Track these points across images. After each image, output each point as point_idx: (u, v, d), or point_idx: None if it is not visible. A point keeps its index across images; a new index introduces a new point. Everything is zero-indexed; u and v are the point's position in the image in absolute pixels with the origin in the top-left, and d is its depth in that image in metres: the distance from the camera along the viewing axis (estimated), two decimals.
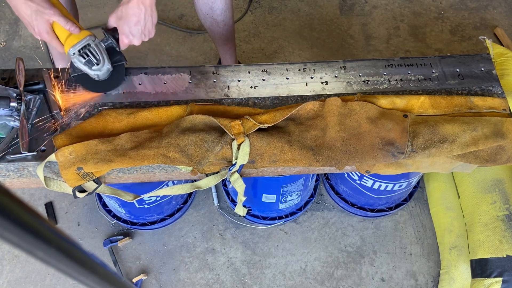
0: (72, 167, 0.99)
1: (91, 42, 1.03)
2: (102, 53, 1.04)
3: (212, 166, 1.06)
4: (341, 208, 1.69)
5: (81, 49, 1.02)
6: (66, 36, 1.03)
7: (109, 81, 1.10)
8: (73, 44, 1.02)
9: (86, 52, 1.03)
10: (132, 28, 1.03)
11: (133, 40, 1.06)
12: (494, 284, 1.33)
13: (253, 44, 2.09)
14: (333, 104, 1.08)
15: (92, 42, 1.03)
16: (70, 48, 1.02)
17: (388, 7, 2.22)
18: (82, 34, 1.03)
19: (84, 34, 1.03)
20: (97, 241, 1.61)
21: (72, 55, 1.03)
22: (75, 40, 1.02)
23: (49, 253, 0.35)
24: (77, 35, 1.02)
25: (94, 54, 1.03)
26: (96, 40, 1.04)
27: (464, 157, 1.08)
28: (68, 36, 1.02)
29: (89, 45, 1.03)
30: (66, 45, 1.03)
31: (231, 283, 1.56)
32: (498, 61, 1.52)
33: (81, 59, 1.03)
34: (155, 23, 1.07)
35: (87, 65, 1.03)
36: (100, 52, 1.04)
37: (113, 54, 1.08)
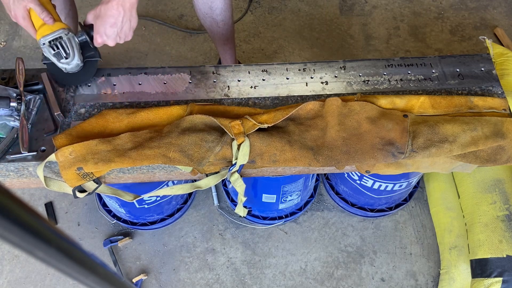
0: (72, 167, 0.99)
1: (64, 36, 1.02)
2: (73, 48, 1.03)
3: (212, 166, 1.06)
4: (341, 208, 1.69)
5: (52, 41, 1.01)
6: (40, 25, 1.02)
7: (78, 75, 1.09)
8: (45, 35, 1.01)
9: (57, 44, 1.02)
10: (108, 29, 1.02)
11: (107, 41, 1.04)
12: (494, 284, 1.33)
13: (253, 44, 2.09)
14: (333, 104, 1.08)
15: (65, 35, 1.02)
16: (41, 38, 1.02)
17: (388, 7, 2.22)
18: (56, 26, 1.02)
19: (58, 26, 1.02)
20: (97, 241, 1.61)
21: (42, 45, 1.02)
22: (47, 31, 1.01)
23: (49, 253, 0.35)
24: (51, 26, 1.02)
25: (64, 47, 1.02)
26: (70, 34, 1.03)
27: (464, 157, 1.08)
28: (41, 25, 1.01)
29: (61, 38, 1.02)
30: (38, 34, 1.02)
31: (231, 283, 1.56)
32: (498, 61, 1.53)
33: (50, 50, 1.02)
34: (133, 27, 1.06)
35: (55, 57, 1.03)
36: (71, 46, 1.03)
37: (88, 50, 1.08)
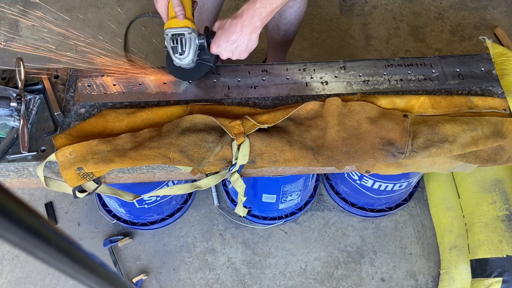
0: (72, 167, 0.99)
1: (186, 34, 1.06)
2: (190, 48, 1.07)
3: (212, 166, 1.06)
4: (341, 208, 1.69)
5: (174, 35, 1.06)
6: (171, 17, 1.07)
7: (186, 71, 1.14)
8: (171, 27, 1.06)
9: (177, 39, 1.06)
10: (224, 43, 1.06)
11: (221, 52, 1.08)
12: (494, 284, 1.33)
13: None
14: (333, 104, 1.08)
15: (188, 34, 1.06)
16: (167, 29, 1.06)
17: (388, 7, 2.22)
18: (184, 22, 1.06)
19: (186, 24, 1.06)
20: (97, 241, 1.61)
21: (166, 35, 1.07)
22: (174, 24, 1.06)
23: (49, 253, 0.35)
24: (179, 21, 1.06)
25: (182, 44, 1.06)
26: (193, 34, 1.06)
27: (464, 157, 1.08)
28: (172, 17, 1.06)
29: (184, 35, 1.06)
30: (166, 24, 1.07)
31: (231, 283, 1.56)
32: (498, 61, 1.52)
33: (170, 42, 1.07)
34: (249, 49, 1.09)
35: (172, 50, 1.07)
36: (189, 45, 1.07)
37: (205, 53, 1.12)
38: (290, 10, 1.46)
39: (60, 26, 2.14)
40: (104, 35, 2.12)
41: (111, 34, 2.11)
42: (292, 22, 1.51)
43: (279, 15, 1.48)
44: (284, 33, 1.55)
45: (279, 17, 1.49)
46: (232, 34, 1.04)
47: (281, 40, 1.60)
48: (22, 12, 2.19)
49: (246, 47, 1.08)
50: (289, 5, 1.44)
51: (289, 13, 1.47)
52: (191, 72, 1.14)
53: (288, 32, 1.55)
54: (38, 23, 2.15)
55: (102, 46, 1.18)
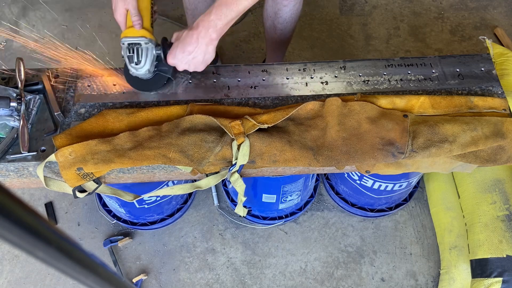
0: (72, 167, 0.99)
1: (143, 44, 1.05)
2: (146, 58, 1.06)
3: (212, 166, 1.06)
4: (341, 208, 1.69)
5: (130, 44, 1.05)
6: (128, 26, 1.06)
7: (143, 82, 1.12)
8: (127, 36, 1.05)
9: (134, 49, 1.05)
10: (179, 54, 1.05)
11: (177, 64, 1.07)
12: (494, 284, 1.33)
13: (253, 44, 2.09)
14: (333, 104, 1.08)
15: (145, 44, 1.05)
16: (123, 38, 1.06)
17: (388, 7, 2.22)
18: (140, 32, 1.05)
19: (142, 33, 1.05)
20: (97, 241, 1.61)
21: (122, 44, 1.06)
22: (130, 34, 1.05)
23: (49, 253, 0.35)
24: (136, 31, 1.05)
25: (138, 54, 1.05)
26: (150, 44, 1.06)
27: (464, 157, 1.08)
28: (130, 26, 1.06)
29: (140, 45, 1.05)
30: (122, 33, 1.07)
31: (231, 283, 1.56)
32: (498, 61, 1.52)
33: (126, 52, 1.06)
34: (206, 62, 1.08)
35: (127, 59, 1.06)
36: (145, 56, 1.06)
37: (163, 64, 1.10)
38: (285, 9, 1.46)
39: (60, 26, 2.14)
40: (104, 35, 2.12)
41: (111, 34, 2.11)
42: (288, 21, 1.50)
43: (275, 14, 1.48)
44: (280, 32, 1.55)
45: (274, 16, 1.49)
46: (188, 45, 1.03)
47: (278, 40, 1.60)
48: (22, 12, 2.19)
49: (202, 59, 1.06)
50: (284, 4, 1.44)
51: (284, 12, 1.47)
52: (149, 83, 1.12)
53: (284, 31, 1.55)
54: (38, 23, 2.15)
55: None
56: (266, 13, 1.53)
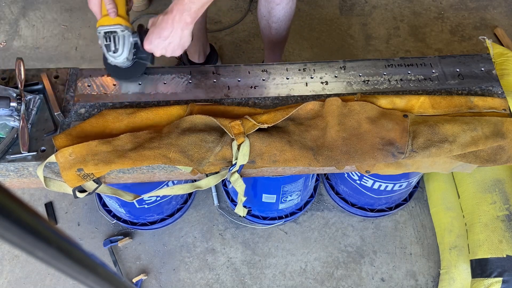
0: (72, 168, 0.99)
1: (119, 31, 1.05)
2: (123, 45, 1.06)
3: (212, 166, 1.06)
4: (341, 208, 1.69)
5: (107, 32, 1.05)
6: (104, 14, 1.06)
7: (124, 71, 1.12)
8: (102, 25, 1.05)
9: (110, 37, 1.05)
10: (156, 40, 1.04)
11: (154, 49, 1.07)
12: (494, 284, 1.33)
13: (253, 44, 2.09)
14: (333, 104, 1.08)
15: (121, 31, 1.05)
16: (99, 26, 1.05)
17: (388, 7, 2.22)
18: (116, 20, 1.05)
19: (118, 21, 1.05)
20: (97, 241, 1.61)
21: (98, 33, 1.06)
22: (106, 22, 1.05)
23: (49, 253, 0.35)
24: (111, 19, 1.04)
25: (115, 42, 1.05)
26: (126, 32, 1.05)
27: (464, 157, 1.08)
28: (105, 15, 1.05)
29: (116, 32, 1.05)
30: (98, 22, 1.06)
31: (231, 283, 1.56)
32: (498, 61, 1.52)
33: (103, 40, 1.05)
34: (183, 46, 1.07)
35: (105, 48, 1.06)
36: (122, 43, 1.05)
37: (141, 52, 1.10)
38: (278, 7, 1.45)
39: (60, 26, 2.14)
40: None
41: None
42: (282, 19, 1.50)
43: (268, 13, 1.48)
44: (275, 31, 1.55)
45: (268, 16, 1.49)
46: (164, 30, 1.02)
47: (274, 39, 1.59)
48: (22, 12, 2.19)
49: (179, 44, 1.06)
50: (277, 2, 1.44)
51: (277, 10, 1.46)
52: (129, 71, 1.12)
53: (279, 30, 1.54)
54: (38, 23, 2.15)
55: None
56: (260, 13, 1.52)
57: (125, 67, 1.11)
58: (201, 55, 1.81)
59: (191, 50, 1.79)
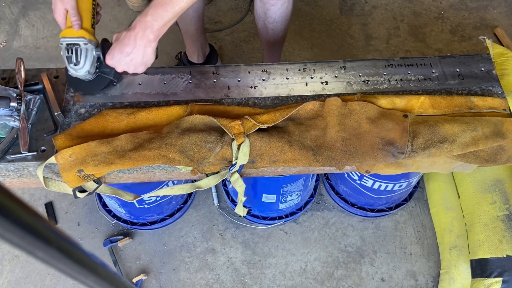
0: (72, 169, 0.99)
1: (82, 44, 1.03)
2: (85, 58, 1.04)
3: (212, 166, 1.06)
4: (341, 208, 1.69)
5: (69, 44, 1.03)
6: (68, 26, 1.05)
7: (85, 84, 1.10)
8: (65, 36, 1.04)
9: (72, 49, 1.03)
10: (117, 55, 1.03)
11: (115, 65, 1.05)
12: (494, 284, 1.33)
13: (253, 44, 2.09)
14: (333, 104, 1.08)
15: (84, 45, 1.03)
16: (61, 38, 1.04)
17: (388, 7, 2.22)
18: (79, 33, 1.03)
19: (81, 34, 1.03)
20: (97, 241, 1.61)
21: (60, 44, 1.05)
22: (69, 34, 1.03)
23: (49, 253, 0.35)
24: (75, 31, 1.03)
25: (77, 54, 1.03)
26: (89, 45, 1.04)
27: (464, 157, 1.08)
28: (69, 26, 1.04)
29: (79, 45, 1.03)
30: (62, 33, 1.05)
31: (231, 283, 1.56)
32: (498, 61, 1.52)
33: (65, 52, 1.04)
34: (146, 64, 1.06)
35: (66, 60, 1.05)
36: (84, 56, 1.04)
37: (105, 66, 1.08)
38: (273, 8, 1.45)
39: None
40: (104, 35, 2.11)
41: (111, 34, 2.11)
42: (278, 20, 1.49)
43: (264, 14, 1.48)
44: (272, 32, 1.54)
45: (264, 17, 1.48)
46: (126, 46, 1.01)
47: (272, 39, 1.59)
48: (22, 12, 2.19)
49: (141, 61, 1.04)
50: (272, 3, 1.43)
51: (273, 11, 1.45)
52: (90, 84, 1.10)
53: (276, 31, 1.54)
54: (38, 23, 2.15)
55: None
56: (256, 14, 1.52)
57: (87, 80, 1.09)
58: (200, 56, 1.81)
59: (190, 51, 1.79)
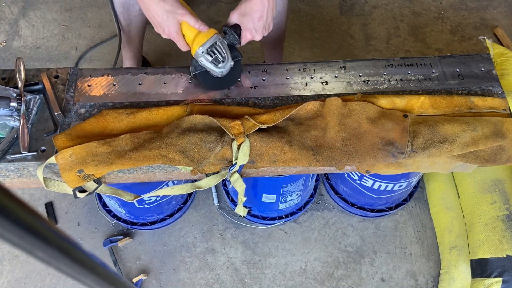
0: (72, 169, 0.99)
1: (218, 40, 1.04)
2: (226, 51, 1.05)
3: (212, 166, 1.06)
4: (341, 208, 1.69)
5: (209, 48, 1.04)
6: (194, 35, 1.04)
7: (227, 77, 1.11)
8: (203, 43, 1.03)
9: (213, 50, 1.04)
10: (256, 24, 1.06)
11: (256, 35, 1.08)
12: (494, 284, 1.33)
13: (253, 44, 2.09)
14: (333, 104, 1.08)
15: (219, 40, 1.04)
16: (199, 47, 1.04)
17: (388, 7, 2.22)
18: (209, 32, 1.04)
19: (212, 32, 1.04)
20: (97, 241, 1.61)
21: (201, 53, 1.04)
22: (204, 39, 1.03)
23: (49, 253, 0.35)
24: (205, 34, 1.04)
25: (220, 52, 1.04)
26: (221, 37, 1.05)
27: (464, 157, 1.08)
28: (196, 35, 1.04)
29: (216, 43, 1.04)
30: (195, 44, 1.04)
31: (231, 283, 1.56)
32: (498, 61, 1.52)
33: (208, 58, 1.04)
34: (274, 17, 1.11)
35: (213, 63, 1.05)
36: (225, 49, 1.05)
37: (231, 50, 1.09)
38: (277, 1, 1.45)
39: (60, 26, 2.14)
40: (104, 35, 2.12)
41: (111, 34, 2.11)
42: (281, 12, 1.49)
43: None
44: (276, 27, 1.54)
45: None
46: (259, 11, 1.05)
47: (275, 36, 1.58)
48: (22, 12, 2.19)
49: (272, 16, 1.10)
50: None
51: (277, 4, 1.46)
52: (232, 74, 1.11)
53: (279, 24, 1.54)
54: (38, 23, 2.15)
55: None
56: None
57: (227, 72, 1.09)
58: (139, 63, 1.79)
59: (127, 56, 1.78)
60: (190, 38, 1.06)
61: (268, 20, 1.09)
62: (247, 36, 1.09)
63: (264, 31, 1.11)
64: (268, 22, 1.10)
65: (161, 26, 1.05)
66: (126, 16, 1.49)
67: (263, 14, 1.06)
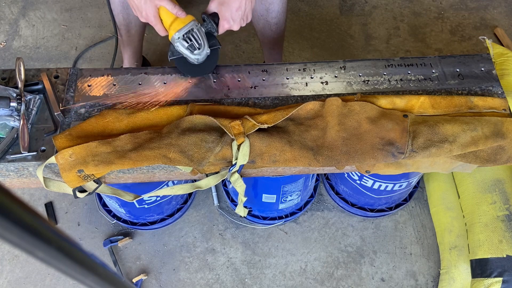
0: (72, 169, 0.99)
1: (195, 27, 1.05)
2: (202, 38, 1.06)
3: (212, 166, 1.06)
4: (341, 208, 1.69)
5: (185, 34, 1.04)
6: (171, 21, 1.04)
7: (204, 64, 1.12)
8: (179, 29, 1.04)
9: (190, 37, 1.04)
10: (234, 14, 1.07)
11: (233, 25, 1.09)
12: (494, 284, 1.33)
13: (253, 44, 2.09)
14: (333, 104, 1.08)
15: (195, 27, 1.05)
16: (175, 33, 1.04)
17: (388, 7, 2.22)
18: (187, 18, 1.05)
19: (189, 18, 1.05)
20: (97, 241, 1.61)
21: (177, 39, 1.04)
22: (180, 25, 1.04)
23: (49, 253, 0.35)
24: (183, 20, 1.04)
25: (196, 38, 1.05)
26: (199, 24, 1.06)
27: (464, 157, 1.08)
28: (173, 20, 1.04)
29: (193, 29, 1.05)
30: (172, 29, 1.05)
31: (231, 283, 1.56)
32: (498, 61, 1.52)
33: (184, 44, 1.04)
34: (252, 8, 1.11)
35: (189, 50, 1.05)
36: (201, 37, 1.06)
37: (209, 38, 1.10)
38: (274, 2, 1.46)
39: (60, 26, 2.14)
40: (104, 35, 2.12)
41: (111, 34, 2.11)
42: (281, 11, 1.50)
43: (266, 11, 1.48)
44: (276, 27, 1.54)
45: (266, 14, 1.48)
46: (237, 2, 1.06)
47: (275, 35, 1.58)
48: (22, 12, 2.19)
49: (251, 7, 1.10)
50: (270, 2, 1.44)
51: (275, 4, 1.46)
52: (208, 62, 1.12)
53: (279, 24, 1.54)
54: (38, 23, 2.15)
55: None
56: (256, 15, 1.51)
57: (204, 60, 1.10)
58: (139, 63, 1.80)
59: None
60: (167, 23, 1.06)
61: (247, 11, 1.10)
62: (224, 25, 1.09)
63: (242, 22, 1.11)
64: (246, 13, 1.10)
65: (139, 9, 1.05)
66: (125, 16, 1.49)
67: (241, 5, 1.07)
